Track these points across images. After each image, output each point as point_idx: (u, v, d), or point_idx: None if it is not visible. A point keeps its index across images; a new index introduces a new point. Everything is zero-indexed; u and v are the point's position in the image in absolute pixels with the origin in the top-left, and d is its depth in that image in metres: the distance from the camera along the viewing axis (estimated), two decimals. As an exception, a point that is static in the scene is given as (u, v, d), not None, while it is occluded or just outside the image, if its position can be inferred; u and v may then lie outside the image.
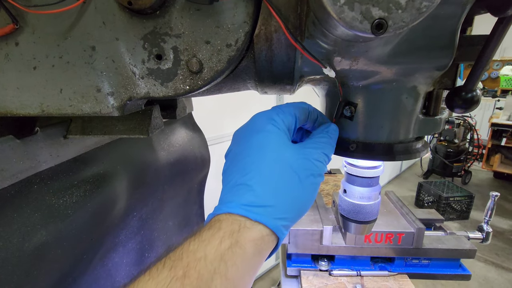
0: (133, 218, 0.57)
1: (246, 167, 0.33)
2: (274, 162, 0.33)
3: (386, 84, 0.38)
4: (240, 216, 0.30)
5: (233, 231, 0.29)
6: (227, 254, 0.28)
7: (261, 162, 0.33)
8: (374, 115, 0.41)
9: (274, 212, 0.31)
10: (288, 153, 0.34)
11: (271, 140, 0.34)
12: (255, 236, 0.30)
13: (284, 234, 0.32)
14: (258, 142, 0.34)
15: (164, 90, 0.36)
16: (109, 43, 0.34)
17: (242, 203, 0.31)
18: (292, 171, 0.33)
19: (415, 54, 0.35)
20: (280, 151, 0.34)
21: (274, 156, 0.33)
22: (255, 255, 0.30)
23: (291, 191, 0.32)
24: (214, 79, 0.35)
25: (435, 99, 0.42)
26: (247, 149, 0.34)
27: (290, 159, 0.34)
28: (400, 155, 0.41)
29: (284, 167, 0.33)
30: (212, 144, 1.65)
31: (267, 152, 0.33)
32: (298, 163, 0.34)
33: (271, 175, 0.32)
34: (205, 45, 0.34)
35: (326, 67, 0.34)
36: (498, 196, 0.90)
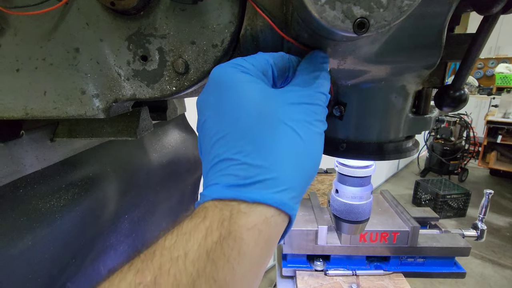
0: (124, 221, 0.57)
1: (225, 134, 0.25)
2: (258, 120, 0.24)
3: (375, 83, 0.38)
4: (230, 200, 0.23)
5: (223, 219, 0.22)
6: (216, 249, 0.21)
7: (242, 124, 0.24)
8: (363, 115, 0.40)
9: (275, 184, 0.23)
10: (273, 103, 0.25)
11: (248, 92, 0.25)
12: (255, 221, 0.22)
13: (295, 208, 0.25)
14: (229, 99, 0.25)
15: (150, 91, 0.35)
16: (93, 44, 0.33)
17: (229, 182, 0.23)
18: (285, 125, 0.25)
19: (403, 53, 0.35)
20: (263, 104, 0.25)
21: (256, 112, 0.25)
22: (259, 246, 0.23)
23: (290, 150, 0.24)
24: (201, 79, 0.35)
25: (425, 97, 0.42)
26: (220, 112, 0.26)
27: (278, 110, 0.25)
28: (390, 154, 0.41)
29: (273, 122, 0.25)
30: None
31: (247, 108, 0.25)
32: (289, 112, 0.25)
33: (259, 137, 0.24)
34: (190, 46, 0.33)
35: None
36: (492, 194, 0.90)
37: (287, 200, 0.24)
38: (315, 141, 0.26)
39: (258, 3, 0.32)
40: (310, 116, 0.26)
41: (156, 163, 0.68)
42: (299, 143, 0.25)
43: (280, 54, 0.30)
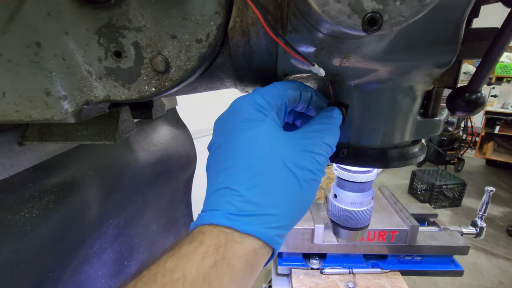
0: (109, 227, 0.53)
1: (232, 166, 0.27)
2: (264, 159, 0.27)
3: (381, 83, 0.34)
4: (226, 228, 0.26)
5: (218, 246, 0.24)
6: (212, 273, 0.23)
7: (249, 159, 0.27)
8: (367, 117, 0.37)
9: (267, 220, 0.26)
10: (281, 146, 0.28)
11: (260, 132, 0.28)
12: (245, 250, 0.25)
13: (279, 244, 0.28)
14: (243, 135, 0.28)
15: (127, 92, 0.31)
16: (57, 38, 0.29)
17: (228, 211, 0.26)
18: (287, 169, 0.27)
19: (414, 50, 0.30)
20: (271, 145, 0.28)
21: (264, 152, 0.27)
22: (246, 272, 0.25)
23: (286, 193, 0.27)
24: (184, 79, 0.30)
25: (435, 98, 0.38)
26: (232, 144, 0.28)
27: (284, 154, 0.28)
28: (395, 161, 0.37)
29: (277, 164, 0.27)
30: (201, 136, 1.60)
31: (256, 146, 0.28)
32: (293, 157, 0.28)
33: (261, 175, 0.27)
34: (171, 41, 0.29)
35: (313, 65, 0.30)
36: (493, 191, 0.88)
37: (274, 236, 0.27)
38: (311, 187, 0.29)
39: (248, -9, 0.27)
40: (312, 165, 0.28)
41: (143, 162, 0.64)
42: (297, 188, 0.28)
43: (295, 86, 0.33)
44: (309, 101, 0.35)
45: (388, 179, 4.03)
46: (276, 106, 0.31)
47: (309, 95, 0.34)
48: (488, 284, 2.35)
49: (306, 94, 0.34)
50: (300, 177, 0.28)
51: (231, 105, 0.31)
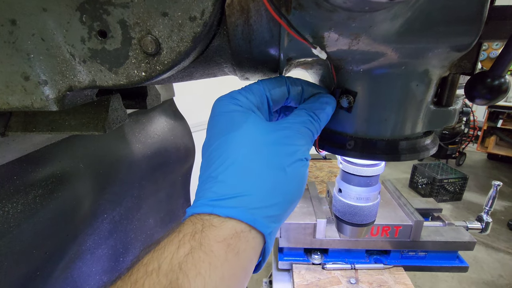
0: (103, 221, 0.51)
1: (212, 157, 0.28)
2: (241, 145, 0.27)
3: (393, 68, 0.31)
4: (205, 215, 0.25)
5: (194, 232, 0.23)
6: (187, 260, 0.22)
7: (227, 147, 0.27)
8: (377, 106, 0.34)
9: (249, 201, 0.25)
10: (257, 132, 0.28)
11: (235, 121, 0.29)
12: (225, 235, 0.24)
13: (269, 227, 0.26)
14: (220, 127, 0.29)
15: (114, 77, 0.28)
16: (34, 15, 0.26)
17: (208, 198, 0.25)
18: (266, 150, 0.27)
19: (431, 30, 0.27)
20: (247, 132, 0.28)
21: (240, 138, 0.28)
22: (228, 258, 0.23)
23: (266, 173, 0.26)
24: (177, 63, 0.28)
25: (450, 86, 0.35)
26: (212, 138, 0.29)
27: (261, 139, 0.28)
28: (406, 153, 0.35)
29: (255, 149, 0.27)
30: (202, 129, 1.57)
31: (232, 134, 0.28)
32: (271, 142, 0.28)
33: (240, 160, 0.27)
34: (161, 18, 0.26)
35: (316, 47, 0.27)
36: (500, 186, 0.85)
37: (259, 218, 0.25)
38: (295, 169, 0.27)
39: (248, -39, 0.24)
40: (291, 149, 0.28)
41: (140, 154, 0.61)
42: (278, 167, 0.27)
43: (279, 82, 0.33)
44: (301, 94, 0.34)
45: (388, 172, 4.02)
46: (255, 100, 0.31)
47: (299, 88, 0.34)
48: (488, 277, 2.35)
49: (296, 88, 0.34)
50: (281, 160, 0.27)
51: (213, 104, 0.32)
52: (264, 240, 0.26)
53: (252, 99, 0.30)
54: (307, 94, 0.34)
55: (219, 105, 0.31)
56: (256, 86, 0.32)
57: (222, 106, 0.30)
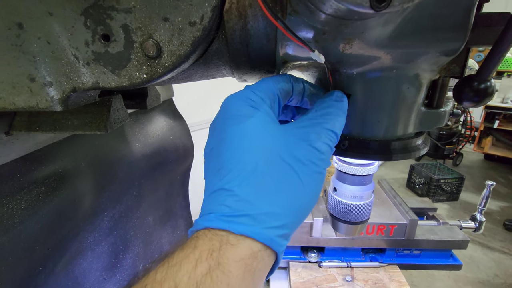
0: (103, 219, 0.52)
1: (224, 165, 0.26)
2: (257, 154, 0.25)
3: (385, 71, 0.32)
4: (221, 230, 0.23)
5: (212, 250, 0.22)
6: (205, 281, 0.21)
7: (242, 156, 0.25)
8: (370, 108, 0.35)
9: (265, 219, 0.24)
10: (275, 138, 0.26)
11: (251, 126, 0.26)
12: (243, 254, 0.23)
13: (282, 246, 0.25)
14: (234, 131, 0.26)
15: (116, 79, 0.29)
16: (40, 19, 0.27)
17: (222, 213, 0.24)
18: (283, 162, 0.25)
19: (421, 36, 0.29)
20: (264, 138, 0.26)
21: (257, 146, 0.25)
22: (246, 278, 0.22)
23: (285, 188, 0.25)
24: (177, 65, 0.29)
25: (440, 88, 0.36)
26: (224, 142, 0.27)
27: (279, 146, 0.26)
28: (397, 153, 0.36)
29: (272, 158, 0.25)
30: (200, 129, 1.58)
31: (248, 142, 0.26)
32: (290, 149, 0.26)
33: (256, 172, 0.24)
34: (162, 23, 0.27)
35: (313, 51, 0.28)
36: (493, 186, 0.87)
37: (275, 237, 0.24)
38: (313, 181, 0.26)
39: (246, -31, 0.25)
40: (312, 155, 0.26)
41: (139, 153, 0.62)
42: (297, 182, 0.25)
43: (286, 79, 0.31)
44: (302, 93, 0.33)
45: (386, 172, 4.04)
46: (269, 99, 0.29)
47: (301, 86, 0.33)
48: (484, 276, 2.38)
49: (298, 85, 0.32)
50: (299, 170, 0.25)
51: (222, 104, 0.29)
52: (276, 257, 0.25)
53: (267, 100, 0.28)
54: (307, 92, 0.33)
55: (232, 106, 0.28)
56: (266, 85, 0.29)
57: (236, 108, 0.27)
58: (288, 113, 0.37)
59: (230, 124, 0.27)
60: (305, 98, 0.34)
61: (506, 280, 2.34)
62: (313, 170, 0.26)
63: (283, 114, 0.37)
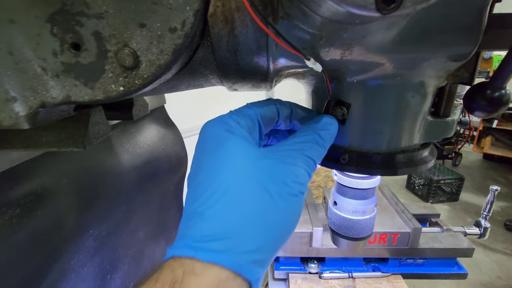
0: (88, 238, 0.49)
1: (199, 189, 0.25)
2: (230, 176, 0.24)
3: (388, 79, 0.30)
4: (187, 259, 0.22)
5: (174, 282, 0.21)
6: None
7: (214, 178, 0.24)
8: (372, 118, 0.32)
9: (235, 244, 0.22)
10: (250, 160, 0.25)
11: (225, 149, 0.26)
12: (208, 283, 0.21)
13: (256, 273, 0.23)
14: (209, 155, 0.26)
15: (90, 92, 0.26)
16: (1, 27, 0.24)
17: (192, 238, 0.23)
18: (258, 185, 0.24)
19: (428, 40, 0.26)
20: (238, 161, 0.25)
21: (230, 168, 0.25)
22: None
23: (256, 211, 0.23)
24: (158, 76, 0.26)
25: (448, 96, 0.33)
26: (199, 166, 0.27)
27: (253, 168, 0.25)
28: (403, 167, 0.33)
29: (245, 181, 0.24)
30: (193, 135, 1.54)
31: (221, 164, 0.25)
32: (265, 170, 0.25)
33: (227, 194, 0.24)
34: (139, 30, 0.24)
35: (309, 59, 0.25)
36: (498, 191, 0.84)
37: (246, 263, 0.22)
38: (288, 204, 0.24)
39: (232, -32, 0.22)
40: (287, 177, 0.25)
41: (128, 166, 0.59)
42: (269, 204, 0.24)
43: (269, 104, 0.31)
44: (290, 117, 0.33)
45: (386, 174, 4.01)
46: (247, 123, 0.29)
47: (287, 111, 0.32)
48: (486, 279, 2.34)
49: (285, 110, 0.32)
50: (273, 191, 0.24)
51: (201, 128, 0.29)
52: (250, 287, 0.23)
53: (243, 124, 0.28)
54: (296, 116, 0.33)
55: (208, 131, 0.28)
56: (246, 110, 0.30)
57: (211, 132, 0.28)
58: (280, 137, 0.36)
59: (206, 148, 0.27)
60: (295, 121, 0.33)
61: (509, 282, 2.31)
62: (287, 192, 0.24)
63: (274, 138, 0.36)
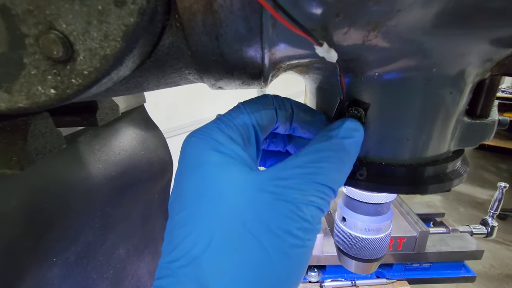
0: (51, 267, 0.41)
1: (174, 235, 0.20)
2: (214, 222, 0.19)
3: (422, 71, 0.22)
4: None
5: None
6: None
7: (194, 224, 0.19)
8: (397, 122, 0.25)
9: None
10: (241, 196, 0.19)
11: (211, 180, 0.20)
12: None
13: None
14: (190, 187, 0.21)
15: (7, 97, 0.18)
16: None
17: None
18: (248, 233, 0.18)
19: (478, 19, 0.19)
20: (226, 198, 0.19)
21: (214, 210, 0.19)
22: None
23: (249, 271, 0.18)
24: (105, 73, 0.18)
25: (488, 91, 0.26)
26: (178, 200, 0.21)
27: (245, 209, 0.19)
28: (434, 183, 0.26)
29: (233, 227, 0.19)
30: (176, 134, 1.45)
31: (204, 203, 0.20)
32: (261, 213, 0.19)
33: (208, 250, 0.18)
34: (68, 3, 0.16)
35: (322, 44, 0.18)
36: (506, 188, 0.79)
37: None
38: (289, 259, 0.18)
39: None
40: (291, 223, 0.18)
41: (101, 176, 0.51)
42: (265, 261, 0.18)
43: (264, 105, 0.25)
44: (290, 119, 0.26)
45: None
46: (240, 137, 0.23)
47: (287, 112, 0.25)
48: (480, 268, 2.36)
49: (284, 111, 0.25)
50: (269, 244, 0.18)
51: (183, 143, 0.23)
52: None
53: (236, 137, 0.22)
54: (298, 119, 0.26)
55: (191, 150, 0.22)
56: (239, 115, 0.23)
57: (194, 154, 0.21)
58: (279, 142, 0.30)
59: (187, 175, 0.21)
60: (295, 124, 0.26)
61: (502, 271, 2.33)
62: (291, 243, 0.18)
63: (272, 144, 0.29)
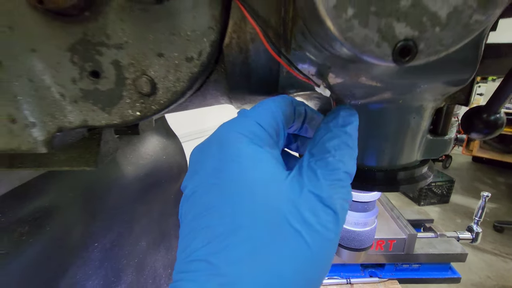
0: (93, 251, 0.49)
1: (212, 226, 0.19)
2: (258, 214, 0.19)
3: (391, 103, 0.31)
4: None
5: None
6: None
7: (237, 219, 0.19)
8: (374, 138, 0.34)
9: None
10: (281, 193, 0.20)
11: (255, 177, 0.20)
12: None
13: None
14: (232, 181, 0.20)
15: (107, 117, 0.27)
16: (22, 56, 0.24)
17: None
18: (290, 227, 0.19)
19: (430, 69, 0.28)
20: (269, 193, 0.19)
21: (259, 207, 0.19)
22: None
23: (290, 266, 0.18)
24: (173, 101, 0.27)
25: (445, 116, 0.35)
26: (212, 191, 0.20)
27: (286, 204, 0.19)
28: (404, 184, 0.35)
29: (277, 221, 0.19)
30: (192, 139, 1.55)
31: (249, 199, 0.19)
32: (300, 209, 0.19)
33: (254, 242, 0.18)
34: (157, 59, 0.25)
35: (319, 86, 0.27)
36: (489, 197, 0.87)
37: None
38: (325, 250, 0.19)
39: (245, 2, 0.23)
40: (327, 217, 0.20)
41: (131, 177, 0.60)
42: (306, 256, 0.19)
43: (288, 102, 0.25)
44: (303, 119, 0.28)
45: (378, 176, 4.07)
46: (275, 132, 0.23)
47: (302, 110, 0.27)
48: (476, 278, 2.40)
49: (300, 109, 0.27)
50: (310, 237, 0.19)
51: (216, 134, 0.23)
52: None
53: (272, 133, 0.22)
54: (308, 120, 0.28)
55: (230, 142, 0.21)
56: (271, 113, 0.23)
57: (235, 146, 0.21)
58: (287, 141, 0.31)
59: (229, 168, 0.20)
60: (306, 125, 0.29)
61: (498, 282, 2.37)
62: (326, 237, 0.19)
63: None
